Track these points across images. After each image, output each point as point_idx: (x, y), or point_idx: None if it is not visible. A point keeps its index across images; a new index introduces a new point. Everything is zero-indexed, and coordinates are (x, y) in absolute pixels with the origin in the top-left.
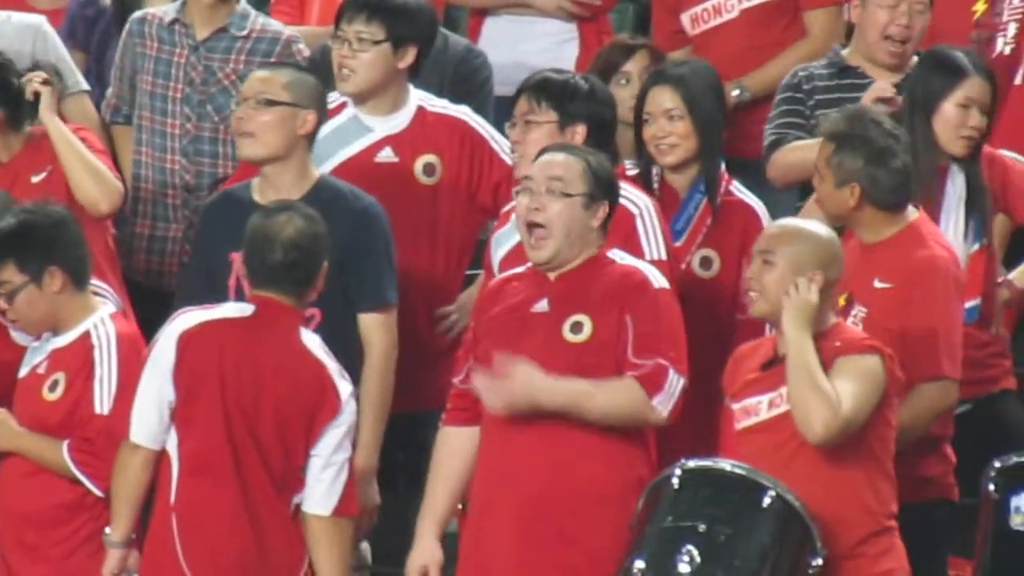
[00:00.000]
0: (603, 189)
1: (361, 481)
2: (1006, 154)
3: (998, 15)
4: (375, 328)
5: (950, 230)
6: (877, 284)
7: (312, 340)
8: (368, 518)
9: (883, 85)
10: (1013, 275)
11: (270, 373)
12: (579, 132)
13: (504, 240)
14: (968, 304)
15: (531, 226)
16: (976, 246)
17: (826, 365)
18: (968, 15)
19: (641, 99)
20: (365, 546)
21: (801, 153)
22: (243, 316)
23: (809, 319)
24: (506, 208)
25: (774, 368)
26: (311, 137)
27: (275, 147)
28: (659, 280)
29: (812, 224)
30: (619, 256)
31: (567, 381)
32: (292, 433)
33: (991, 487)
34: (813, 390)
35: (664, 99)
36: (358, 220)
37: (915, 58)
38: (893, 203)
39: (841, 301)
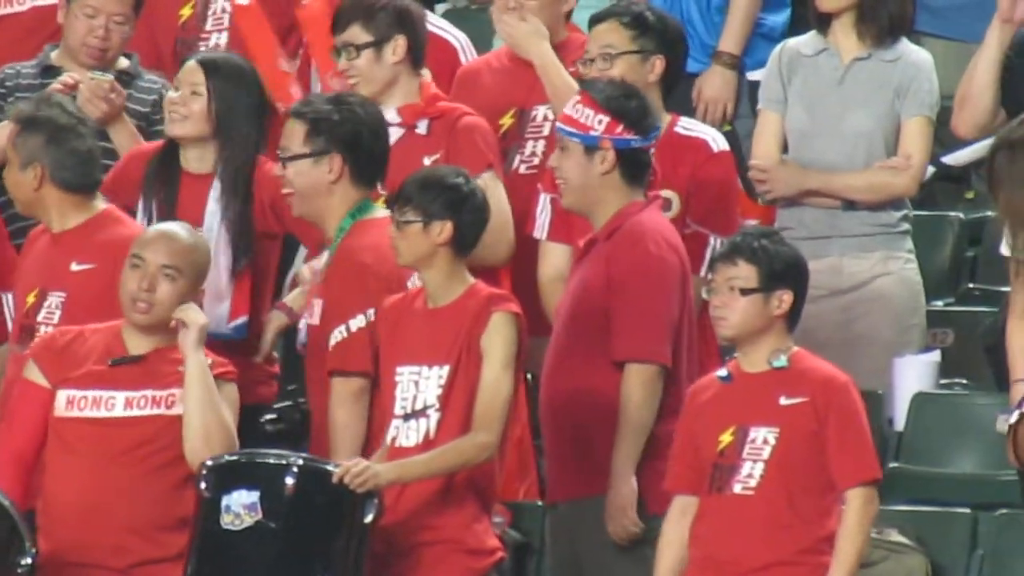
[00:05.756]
0: None
1: None
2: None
3: (202, 21)
4: None
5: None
6: (75, 267)
7: None
8: None
9: (69, 74)
10: (289, 298)
11: None
12: None
13: None
14: (235, 322)
15: None
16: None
17: None
18: (175, 18)
19: None
20: None
21: None
22: None
23: (204, 339)
24: None
25: (130, 367)
26: None
27: None
28: None
29: (182, 227)
30: None
31: None
32: None
33: (203, 485)
34: (216, 415)
35: None
36: None
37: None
38: (76, 184)
39: (31, 299)
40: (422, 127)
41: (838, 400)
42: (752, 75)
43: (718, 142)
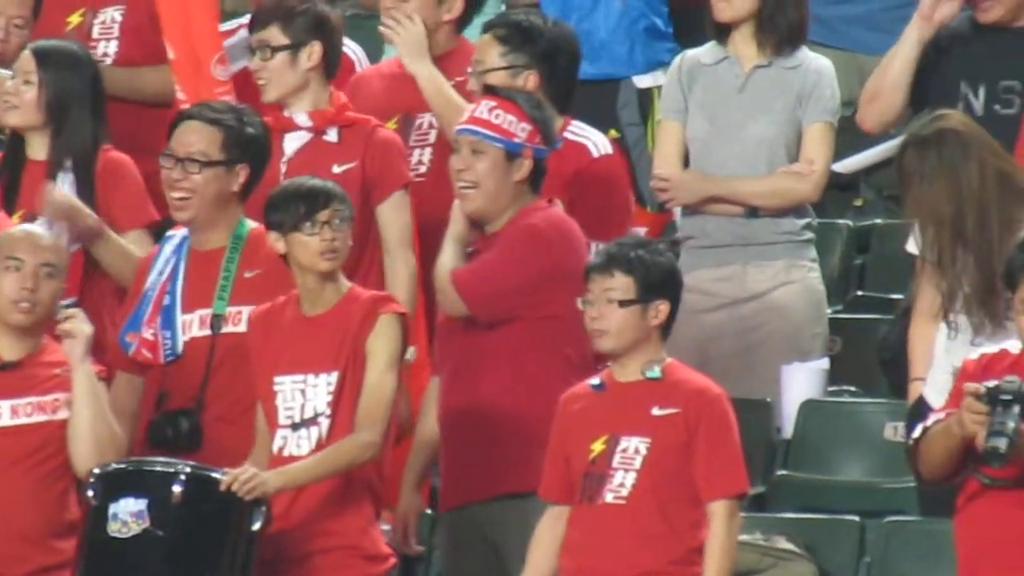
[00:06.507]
0: None
1: None
2: (125, 160)
3: (90, 29)
4: None
5: None
6: None
7: None
8: None
9: None
10: None
11: None
12: None
13: None
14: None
15: None
16: None
17: None
18: (63, 25)
19: None
20: None
21: None
22: None
23: (91, 347)
24: None
25: (7, 374)
26: None
27: None
28: None
29: (39, 225)
30: None
31: None
32: None
33: (90, 493)
34: (107, 426)
35: None
36: None
37: None
38: None
39: None
40: (332, 134)
41: (709, 412)
42: (640, 81)
43: (599, 147)
